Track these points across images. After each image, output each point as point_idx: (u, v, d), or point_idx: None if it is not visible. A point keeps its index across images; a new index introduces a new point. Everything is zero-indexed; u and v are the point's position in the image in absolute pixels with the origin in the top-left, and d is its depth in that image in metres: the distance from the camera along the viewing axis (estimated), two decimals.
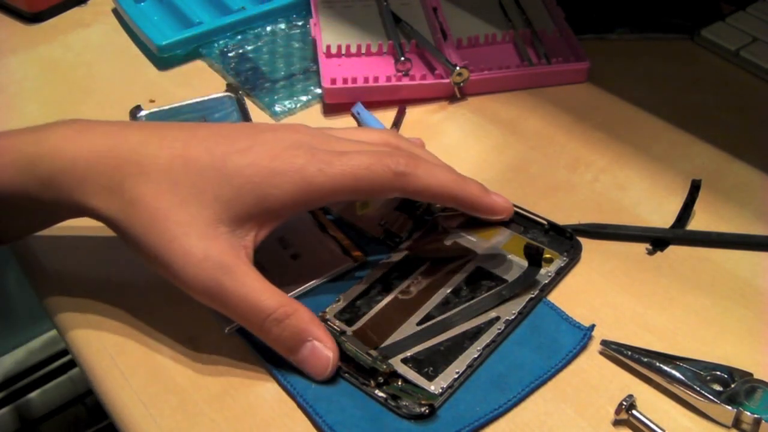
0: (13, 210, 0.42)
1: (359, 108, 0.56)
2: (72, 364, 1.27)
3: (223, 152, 0.41)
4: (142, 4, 0.69)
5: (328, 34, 0.63)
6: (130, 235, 0.40)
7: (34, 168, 0.40)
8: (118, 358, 0.42)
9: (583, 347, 0.41)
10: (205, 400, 0.40)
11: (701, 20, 0.64)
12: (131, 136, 0.41)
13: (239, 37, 0.66)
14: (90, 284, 0.46)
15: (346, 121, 0.58)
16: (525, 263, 0.44)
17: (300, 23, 0.67)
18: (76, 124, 0.42)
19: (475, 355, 0.40)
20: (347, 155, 0.41)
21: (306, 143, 0.41)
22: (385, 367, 0.39)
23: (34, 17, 0.71)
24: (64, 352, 1.27)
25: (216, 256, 0.39)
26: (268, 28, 0.67)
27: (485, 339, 0.41)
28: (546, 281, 0.44)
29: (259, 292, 0.39)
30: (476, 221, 0.47)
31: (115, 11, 0.71)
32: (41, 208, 0.42)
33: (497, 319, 0.42)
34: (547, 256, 0.45)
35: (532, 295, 0.43)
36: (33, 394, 1.26)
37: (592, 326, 0.41)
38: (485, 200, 0.45)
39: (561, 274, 0.45)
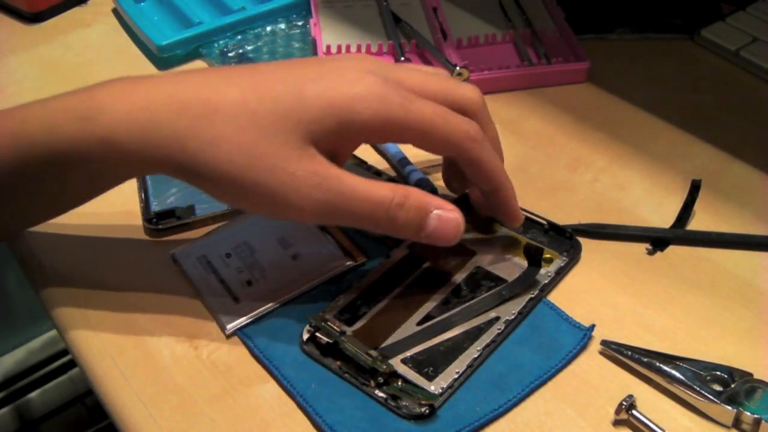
0: (75, 171, 0.41)
1: None
2: (72, 364, 1.27)
3: (296, 80, 0.39)
4: (142, 4, 0.69)
5: (328, 34, 0.63)
6: (216, 177, 0.38)
7: (92, 125, 0.39)
8: (118, 358, 0.42)
9: (583, 347, 0.41)
10: (205, 400, 0.40)
11: (701, 20, 0.64)
12: (190, 80, 0.40)
13: (239, 37, 0.66)
14: (90, 284, 0.46)
15: None
16: (525, 263, 0.44)
17: (300, 23, 0.67)
18: (126, 79, 0.41)
19: (475, 355, 0.40)
20: (427, 102, 0.40)
21: (379, 72, 0.40)
22: (385, 367, 0.39)
23: (34, 17, 0.71)
24: (64, 352, 1.27)
25: (322, 170, 0.38)
26: (268, 28, 0.67)
27: (485, 339, 0.41)
28: (546, 281, 0.44)
29: (374, 187, 0.39)
30: (476, 221, 0.47)
31: (115, 11, 0.71)
32: (104, 168, 0.40)
33: (497, 319, 0.42)
34: (547, 256, 0.45)
35: (532, 295, 0.43)
36: (33, 394, 1.26)
37: (592, 326, 0.41)
38: (513, 203, 0.44)
39: (561, 274, 0.45)
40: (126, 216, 0.50)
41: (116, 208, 0.51)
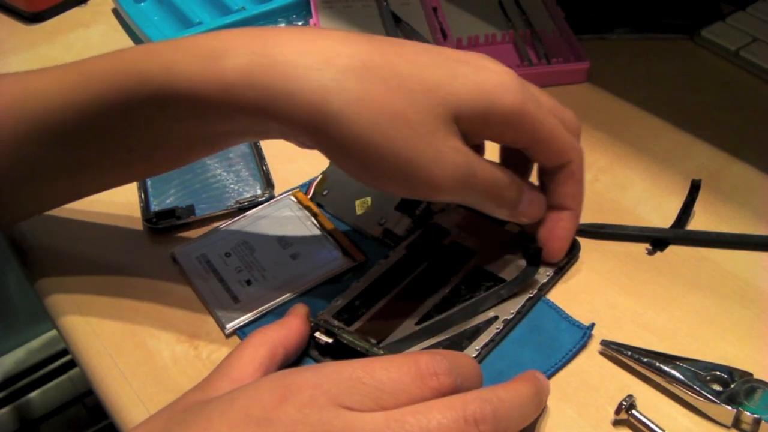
0: (188, 119, 0.38)
1: None
2: (72, 364, 1.27)
3: (442, 56, 0.38)
4: (142, 4, 0.69)
5: None
6: (354, 143, 0.35)
7: (216, 64, 0.35)
8: (118, 358, 0.42)
9: (583, 346, 0.41)
10: None
11: (701, 20, 0.64)
12: (330, 34, 0.37)
13: None
14: (90, 284, 0.46)
15: None
16: (523, 263, 0.44)
17: (300, 23, 0.67)
18: (250, 27, 0.38)
19: (474, 355, 0.40)
20: (548, 106, 0.41)
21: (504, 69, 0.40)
22: None
23: (34, 17, 0.71)
24: (64, 352, 1.27)
25: (461, 148, 0.38)
26: None
27: (484, 338, 0.41)
28: (544, 281, 0.44)
29: (496, 168, 0.40)
30: (474, 221, 0.47)
31: (115, 11, 0.71)
32: (220, 120, 0.37)
33: (496, 318, 0.42)
34: None
35: (531, 295, 0.43)
36: (33, 394, 1.26)
37: (592, 325, 0.41)
38: (573, 231, 0.45)
39: (559, 273, 0.45)
40: (126, 215, 0.50)
41: (116, 208, 0.51)
